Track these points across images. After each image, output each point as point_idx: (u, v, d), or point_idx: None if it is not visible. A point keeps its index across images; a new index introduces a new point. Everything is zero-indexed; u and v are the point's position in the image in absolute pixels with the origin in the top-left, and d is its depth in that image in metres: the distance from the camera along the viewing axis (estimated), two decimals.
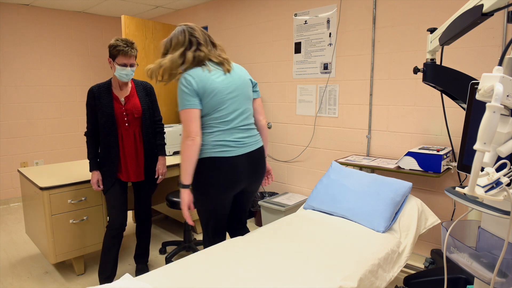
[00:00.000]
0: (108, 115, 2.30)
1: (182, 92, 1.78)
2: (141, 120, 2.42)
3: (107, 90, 2.34)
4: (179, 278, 1.47)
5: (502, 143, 0.97)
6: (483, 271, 1.08)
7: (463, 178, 2.52)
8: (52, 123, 4.67)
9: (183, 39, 1.85)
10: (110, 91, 2.34)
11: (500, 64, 0.98)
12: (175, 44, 1.86)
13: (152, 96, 2.51)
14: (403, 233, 1.98)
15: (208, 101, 1.80)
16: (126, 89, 2.40)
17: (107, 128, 2.31)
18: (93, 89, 2.34)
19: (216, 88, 1.81)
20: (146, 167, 2.46)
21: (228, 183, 1.86)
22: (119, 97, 2.36)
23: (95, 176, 2.35)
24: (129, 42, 2.27)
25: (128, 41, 2.27)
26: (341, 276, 1.49)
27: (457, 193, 1.06)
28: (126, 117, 2.35)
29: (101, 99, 2.32)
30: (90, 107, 2.34)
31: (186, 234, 2.96)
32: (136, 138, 2.41)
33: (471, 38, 2.41)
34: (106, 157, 2.34)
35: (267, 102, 3.77)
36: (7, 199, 4.41)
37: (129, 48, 2.24)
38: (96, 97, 2.32)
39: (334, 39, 3.14)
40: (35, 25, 4.44)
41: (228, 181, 1.85)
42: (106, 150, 2.34)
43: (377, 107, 2.93)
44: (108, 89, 2.34)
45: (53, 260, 2.49)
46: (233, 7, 3.96)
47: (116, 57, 2.24)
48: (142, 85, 2.48)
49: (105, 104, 2.31)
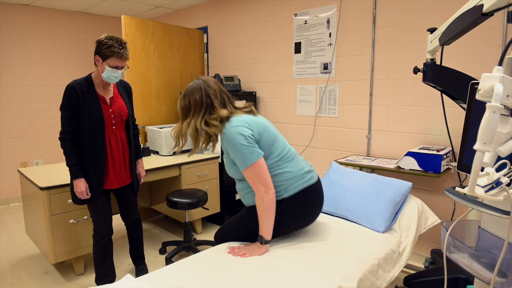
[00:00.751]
0: (96, 118, 2.09)
1: (241, 147, 1.61)
2: (126, 123, 2.28)
3: (90, 89, 2.10)
4: (180, 279, 1.47)
5: (502, 143, 0.97)
6: (483, 271, 1.08)
7: (463, 178, 2.52)
8: (52, 123, 4.67)
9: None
10: (93, 90, 2.11)
11: (500, 64, 0.98)
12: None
13: (131, 96, 2.36)
14: (403, 233, 1.98)
15: (265, 141, 1.69)
16: (109, 89, 2.20)
17: (94, 132, 2.10)
18: (75, 87, 2.06)
19: (263, 123, 1.75)
20: (132, 172, 2.35)
21: (318, 211, 1.84)
22: (105, 97, 2.17)
23: (82, 184, 2.11)
24: (122, 42, 2.08)
25: (121, 41, 2.08)
26: (340, 276, 1.48)
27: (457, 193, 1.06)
28: (114, 120, 2.18)
29: (86, 99, 2.07)
30: (71, 108, 2.06)
31: (186, 234, 2.96)
32: (123, 142, 2.27)
33: (471, 38, 2.41)
34: (92, 164, 2.14)
35: (267, 102, 3.77)
36: (7, 199, 4.41)
37: (124, 50, 2.07)
38: (79, 96, 2.06)
39: (334, 39, 3.14)
40: (35, 25, 4.44)
41: (319, 209, 1.83)
42: (91, 157, 2.13)
43: (377, 107, 2.93)
44: (91, 88, 2.11)
45: (53, 260, 2.49)
46: (233, 7, 3.96)
47: (108, 58, 2.05)
48: (122, 84, 2.31)
49: (92, 105, 2.09)
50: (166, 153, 3.37)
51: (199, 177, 3.29)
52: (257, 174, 1.61)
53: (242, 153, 1.61)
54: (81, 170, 2.12)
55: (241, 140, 1.61)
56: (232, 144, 1.63)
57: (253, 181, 1.63)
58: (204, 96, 1.70)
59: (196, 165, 3.27)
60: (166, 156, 3.36)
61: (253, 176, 1.62)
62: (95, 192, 2.18)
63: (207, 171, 3.37)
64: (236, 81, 3.70)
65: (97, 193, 2.19)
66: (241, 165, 1.65)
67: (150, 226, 3.70)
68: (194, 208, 2.77)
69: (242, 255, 1.64)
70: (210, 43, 4.30)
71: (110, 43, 2.03)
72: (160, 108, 3.77)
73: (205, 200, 2.87)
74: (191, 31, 4.02)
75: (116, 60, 2.06)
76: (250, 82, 3.90)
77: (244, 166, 1.63)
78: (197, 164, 3.28)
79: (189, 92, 1.73)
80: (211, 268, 1.55)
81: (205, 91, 1.71)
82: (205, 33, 4.29)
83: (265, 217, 1.63)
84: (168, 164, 3.06)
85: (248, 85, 3.92)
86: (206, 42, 4.32)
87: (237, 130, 1.63)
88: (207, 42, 4.32)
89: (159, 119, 3.78)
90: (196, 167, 3.28)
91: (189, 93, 1.72)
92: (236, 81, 3.69)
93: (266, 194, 1.61)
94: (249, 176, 1.64)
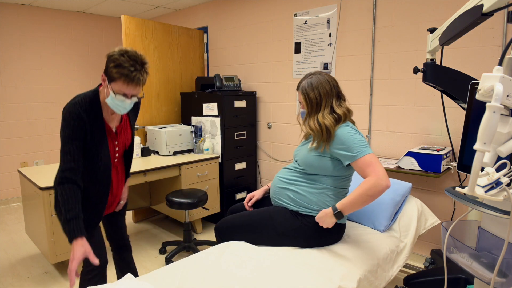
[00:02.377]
0: (104, 157, 1.61)
1: (356, 137, 1.63)
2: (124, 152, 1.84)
3: (97, 118, 1.56)
4: (180, 279, 1.47)
5: (502, 143, 0.97)
6: (483, 271, 1.08)
7: (463, 178, 2.52)
8: (52, 123, 4.67)
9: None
10: (101, 119, 1.57)
11: (500, 64, 0.98)
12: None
13: (138, 112, 1.86)
14: (402, 233, 1.98)
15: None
16: (117, 116, 1.69)
17: (99, 175, 1.63)
18: (82, 116, 1.49)
19: None
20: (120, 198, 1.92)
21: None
22: (112, 127, 1.66)
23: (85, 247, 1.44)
24: (138, 61, 1.48)
25: (137, 59, 1.48)
26: (340, 276, 1.49)
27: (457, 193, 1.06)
28: (117, 153, 1.73)
29: (93, 133, 1.54)
30: (77, 140, 1.49)
31: (186, 234, 2.96)
32: (121, 171, 1.84)
33: (471, 38, 2.40)
34: (91, 206, 1.64)
35: (267, 102, 3.77)
36: (7, 199, 4.41)
37: (136, 73, 1.46)
38: (87, 128, 1.52)
39: (334, 39, 3.14)
40: (35, 25, 4.44)
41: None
42: (91, 199, 1.63)
43: (377, 107, 2.93)
44: (97, 117, 1.56)
45: (53, 260, 2.49)
46: (233, 7, 3.96)
47: (113, 80, 1.47)
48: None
49: (99, 141, 1.57)
50: (166, 153, 3.37)
51: (199, 177, 3.29)
52: (375, 161, 1.57)
53: (357, 139, 1.62)
54: (83, 225, 1.48)
55: (354, 132, 1.64)
56: (347, 130, 1.65)
57: (371, 167, 1.55)
58: (333, 87, 1.74)
59: (196, 165, 3.27)
60: (166, 156, 3.36)
61: (370, 162, 1.56)
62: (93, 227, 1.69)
63: (207, 171, 3.37)
64: (236, 81, 3.70)
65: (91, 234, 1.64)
66: (356, 154, 1.59)
67: (150, 226, 3.70)
68: (194, 208, 2.77)
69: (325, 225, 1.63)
70: (210, 43, 4.30)
71: (120, 61, 1.44)
72: (160, 108, 3.77)
73: (205, 200, 2.87)
74: (191, 31, 4.03)
75: (123, 85, 1.47)
76: (250, 82, 3.90)
77: (362, 154, 1.58)
78: (197, 164, 3.28)
79: (315, 85, 1.73)
80: (211, 268, 1.55)
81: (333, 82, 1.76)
82: (205, 33, 4.29)
83: (362, 200, 1.55)
84: (168, 164, 3.06)
85: (248, 85, 3.92)
86: (206, 42, 4.32)
87: (348, 125, 1.69)
88: (207, 42, 4.32)
89: (159, 119, 3.78)
90: (196, 167, 3.28)
91: (316, 86, 1.72)
92: (236, 81, 3.69)
93: (382, 182, 1.51)
94: (365, 164, 1.57)
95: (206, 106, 3.56)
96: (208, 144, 3.49)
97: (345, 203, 1.58)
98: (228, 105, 3.48)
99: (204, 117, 3.58)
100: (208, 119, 3.56)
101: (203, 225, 3.59)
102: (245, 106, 3.66)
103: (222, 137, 3.48)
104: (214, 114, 3.51)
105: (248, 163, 3.76)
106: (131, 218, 3.82)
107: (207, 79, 3.79)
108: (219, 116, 3.47)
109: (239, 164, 3.67)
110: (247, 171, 3.77)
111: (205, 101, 3.56)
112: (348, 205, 1.58)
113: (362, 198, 1.54)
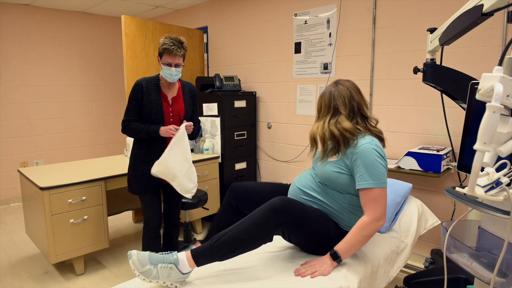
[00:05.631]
0: (156, 114, 2.17)
1: (381, 166, 1.51)
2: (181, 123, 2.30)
3: (156, 87, 2.20)
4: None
5: (502, 143, 0.97)
6: (483, 271, 1.08)
7: (463, 178, 2.52)
8: (52, 123, 4.67)
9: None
10: (159, 88, 2.21)
11: (500, 64, 0.98)
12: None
13: (195, 99, 2.38)
14: (403, 233, 1.98)
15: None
16: (173, 89, 2.27)
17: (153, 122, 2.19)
18: (142, 83, 2.17)
19: None
20: None
21: None
22: (168, 96, 2.24)
23: (167, 127, 2.15)
24: (177, 40, 2.13)
25: (176, 39, 2.13)
26: (341, 276, 1.48)
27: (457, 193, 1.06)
28: (172, 118, 2.24)
29: (150, 95, 2.17)
30: (136, 101, 2.17)
31: (186, 234, 2.96)
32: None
33: (471, 38, 2.40)
34: (148, 156, 2.20)
35: (267, 102, 3.77)
36: (7, 199, 4.41)
37: (175, 47, 2.10)
38: (144, 91, 2.16)
39: (334, 39, 3.14)
40: (35, 25, 4.44)
41: None
42: (148, 149, 2.21)
43: (377, 107, 2.93)
44: (156, 86, 2.20)
45: (53, 260, 2.49)
46: (233, 7, 3.96)
47: (161, 55, 2.13)
48: (188, 86, 2.35)
49: (154, 101, 2.17)
50: None
51: (199, 177, 3.29)
52: (383, 198, 1.51)
53: (379, 170, 1.51)
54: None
55: (382, 159, 1.54)
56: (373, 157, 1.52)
57: (374, 203, 1.50)
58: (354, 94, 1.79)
59: (196, 165, 3.26)
60: None
61: (377, 198, 1.50)
62: (149, 184, 2.22)
63: (207, 171, 3.36)
64: (236, 81, 3.70)
65: (150, 187, 2.22)
66: (369, 182, 1.50)
67: None
68: (194, 208, 2.77)
69: (313, 275, 1.46)
70: (210, 43, 4.30)
71: (164, 41, 2.12)
72: None
73: (205, 200, 2.87)
74: (191, 31, 4.02)
75: (167, 57, 2.11)
76: (250, 82, 3.90)
77: (374, 185, 1.49)
78: (197, 164, 3.27)
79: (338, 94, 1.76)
80: (212, 268, 1.55)
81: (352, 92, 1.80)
82: (205, 33, 4.29)
83: (358, 241, 1.51)
84: None
85: (248, 85, 3.92)
86: (206, 42, 4.32)
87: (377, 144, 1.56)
88: (207, 42, 4.32)
89: None
90: (196, 167, 3.25)
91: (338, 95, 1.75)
92: (236, 81, 3.69)
93: (378, 223, 1.50)
94: (371, 197, 1.50)
95: (206, 106, 3.56)
96: (208, 144, 3.49)
97: (344, 249, 1.52)
98: (228, 105, 3.48)
99: (204, 117, 3.58)
100: (208, 119, 3.56)
101: (203, 225, 3.59)
102: (245, 106, 3.66)
103: (222, 137, 3.48)
104: (214, 114, 3.51)
105: (248, 163, 3.76)
106: (131, 218, 3.82)
107: (207, 79, 3.79)
108: (219, 116, 3.47)
109: (239, 164, 3.67)
110: (247, 171, 3.77)
111: (205, 101, 3.56)
112: (347, 250, 1.52)
113: (357, 240, 1.51)
